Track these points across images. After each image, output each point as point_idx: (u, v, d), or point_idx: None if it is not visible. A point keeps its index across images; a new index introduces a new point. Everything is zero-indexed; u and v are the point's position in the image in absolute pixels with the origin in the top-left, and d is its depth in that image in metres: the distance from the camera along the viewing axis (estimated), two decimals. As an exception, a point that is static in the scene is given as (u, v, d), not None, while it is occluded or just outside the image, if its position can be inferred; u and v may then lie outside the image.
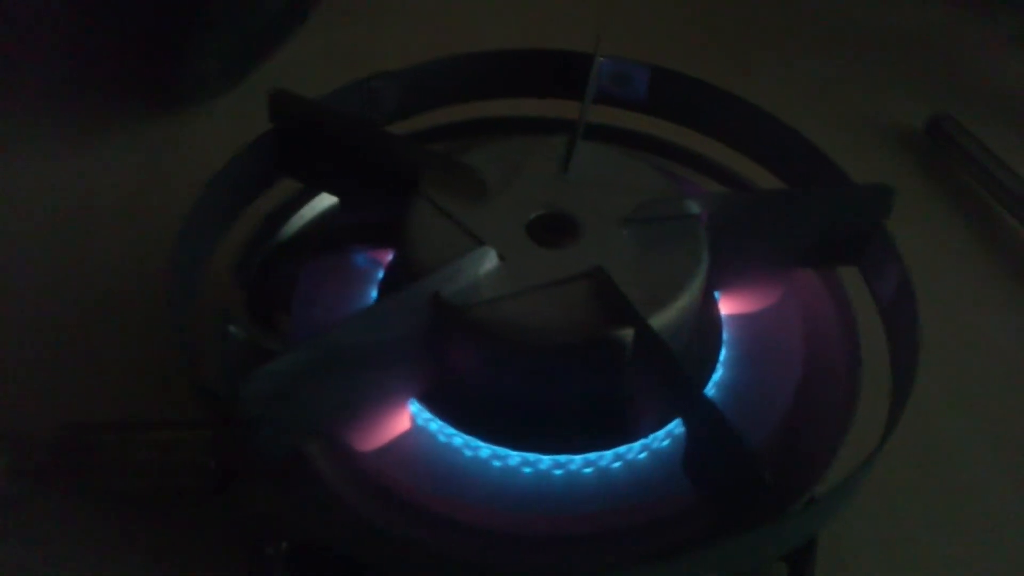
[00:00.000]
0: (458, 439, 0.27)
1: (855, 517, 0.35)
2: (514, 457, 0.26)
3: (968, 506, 0.36)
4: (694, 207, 0.28)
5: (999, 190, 0.46)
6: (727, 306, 0.30)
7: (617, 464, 0.26)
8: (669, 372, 0.24)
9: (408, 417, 0.27)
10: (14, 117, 0.48)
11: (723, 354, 0.29)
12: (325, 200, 0.33)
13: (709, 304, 0.30)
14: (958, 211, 0.47)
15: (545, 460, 0.26)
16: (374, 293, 0.30)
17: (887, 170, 0.48)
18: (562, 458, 0.26)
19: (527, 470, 0.26)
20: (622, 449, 0.26)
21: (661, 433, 0.27)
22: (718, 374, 0.28)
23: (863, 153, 0.48)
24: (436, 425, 0.27)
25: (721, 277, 0.29)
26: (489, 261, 0.26)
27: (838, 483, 0.23)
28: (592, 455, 0.26)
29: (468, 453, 0.27)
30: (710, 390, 0.28)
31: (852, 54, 0.55)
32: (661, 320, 0.26)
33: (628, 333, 0.25)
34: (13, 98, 0.49)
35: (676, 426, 0.27)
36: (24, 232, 0.43)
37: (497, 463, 0.26)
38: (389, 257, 0.31)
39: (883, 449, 0.23)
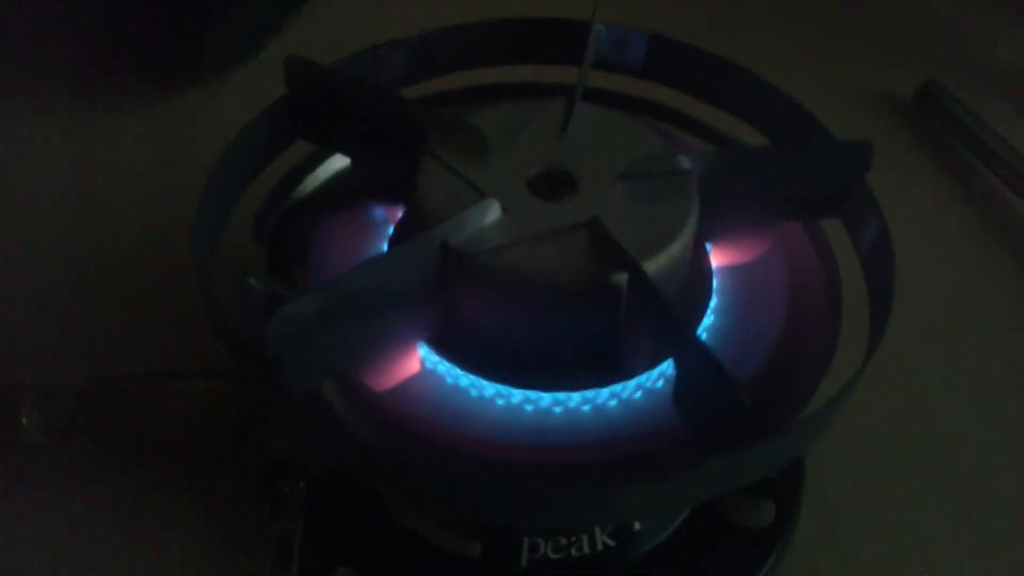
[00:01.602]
0: (464, 379, 0.29)
1: (839, 459, 0.37)
2: (516, 395, 0.28)
3: (944, 445, 0.38)
4: (685, 163, 0.30)
5: (985, 154, 0.48)
6: (717, 257, 0.32)
7: (613, 402, 0.28)
8: (660, 313, 0.26)
9: (418, 359, 0.29)
10: (38, 92, 0.50)
11: (713, 302, 0.31)
12: (338, 161, 0.35)
13: (700, 255, 0.31)
14: (944, 174, 0.49)
15: (545, 398, 0.28)
16: (385, 247, 0.32)
17: (876, 134, 0.48)
18: (561, 396, 0.28)
19: (528, 407, 0.28)
20: (617, 387, 0.28)
21: (655, 373, 0.29)
22: (708, 320, 0.30)
23: (853, 118, 0.50)
24: (444, 367, 0.29)
25: (711, 229, 0.31)
26: (493, 213, 0.28)
27: (815, 409, 0.25)
28: (589, 393, 0.28)
29: (474, 392, 0.28)
30: (700, 334, 0.30)
31: (842, 21, 0.56)
32: (653, 266, 0.27)
33: (623, 278, 0.27)
34: (36, 74, 0.51)
35: (668, 367, 0.28)
36: (51, 196, 0.45)
37: (500, 401, 0.28)
38: (399, 214, 0.33)
39: (858, 381, 0.25)
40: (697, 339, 0.26)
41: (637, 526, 0.32)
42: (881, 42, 0.55)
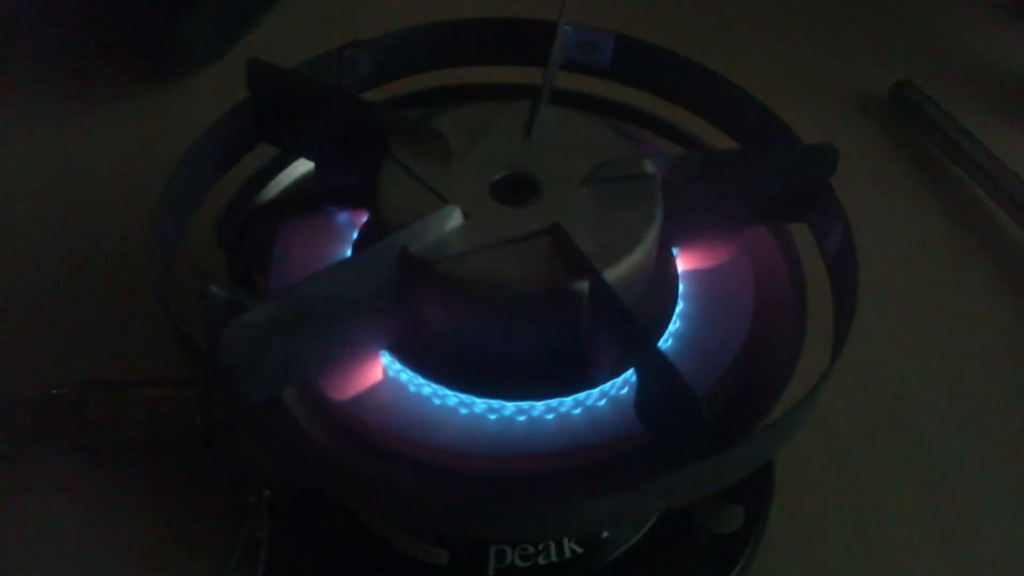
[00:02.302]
0: (427, 388, 0.28)
1: (808, 462, 0.37)
2: (479, 404, 0.28)
3: (915, 445, 0.38)
4: (650, 167, 0.30)
5: (957, 154, 0.48)
6: (684, 262, 0.32)
7: (577, 410, 0.28)
8: (621, 321, 0.26)
9: (380, 368, 0.29)
10: (12, 87, 0.49)
11: (679, 306, 0.31)
12: (302, 165, 0.35)
13: (666, 260, 0.31)
14: (918, 173, 0.49)
15: (508, 407, 0.28)
16: (348, 252, 0.32)
17: (850, 134, 0.49)
18: (524, 404, 0.28)
19: (491, 416, 0.28)
20: (581, 396, 0.28)
21: (619, 381, 0.28)
22: (674, 325, 0.30)
23: (827, 118, 0.50)
24: (406, 375, 0.29)
25: (677, 234, 0.31)
26: (454, 219, 0.28)
27: (780, 416, 0.25)
28: (553, 401, 0.28)
29: (436, 401, 0.28)
30: (666, 340, 0.30)
31: (817, 20, 0.56)
32: (615, 273, 0.27)
33: (584, 286, 0.27)
34: (12, 69, 0.50)
35: (632, 375, 0.28)
36: (12, 197, 0.44)
37: (463, 410, 0.28)
38: (363, 218, 0.32)
39: (823, 385, 0.25)
40: (657, 349, 0.26)
41: (605, 533, 0.32)
42: (855, 41, 0.55)
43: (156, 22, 0.48)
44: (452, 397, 0.28)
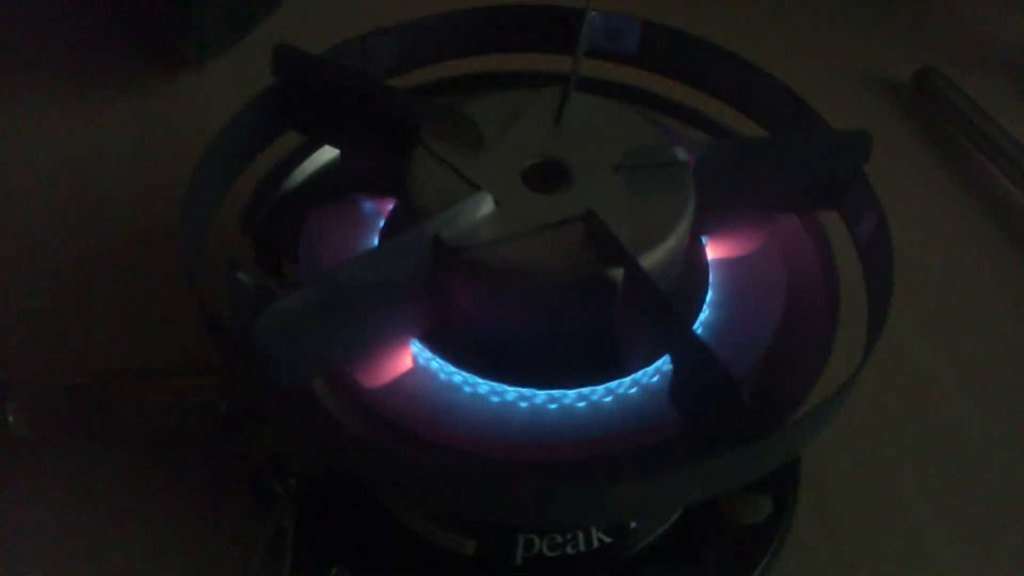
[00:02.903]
0: (458, 376, 0.28)
1: (836, 452, 0.36)
2: (511, 392, 0.28)
3: (942, 437, 0.38)
4: (681, 154, 0.29)
5: (982, 141, 0.48)
6: (714, 250, 0.31)
7: (608, 399, 0.28)
8: (657, 308, 0.26)
9: (411, 356, 0.28)
10: (24, 76, 0.49)
11: (710, 295, 0.30)
12: (328, 152, 0.34)
13: (697, 249, 0.31)
14: (942, 160, 0.48)
15: (540, 395, 0.28)
16: (376, 240, 0.31)
17: (874, 121, 0.48)
18: (556, 392, 0.28)
19: (523, 404, 0.28)
20: (613, 384, 0.28)
21: (650, 369, 0.28)
22: (705, 314, 0.30)
23: (851, 104, 0.50)
24: (437, 363, 0.28)
25: (708, 222, 0.31)
26: (486, 206, 0.28)
27: (813, 407, 0.24)
28: (585, 390, 0.28)
29: (467, 389, 0.28)
30: (697, 328, 0.29)
31: (841, 6, 0.56)
32: (649, 260, 0.27)
33: (618, 272, 0.26)
34: (24, 57, 0.50)
35: (664, 363, 0.28)
36: (37, 188, 0.44)
37: (495, 398, 0.28)
38: (389, 207, 0.32)
39: (858, 377, 0.25)
40: (694, 335, 0.26)
41: (633, 524, 0.32)
42: (879, 27, 0.55)
43: (166, 9, 0.47)
44: (483, 385, 0.28)
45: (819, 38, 0.54)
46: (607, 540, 0.32)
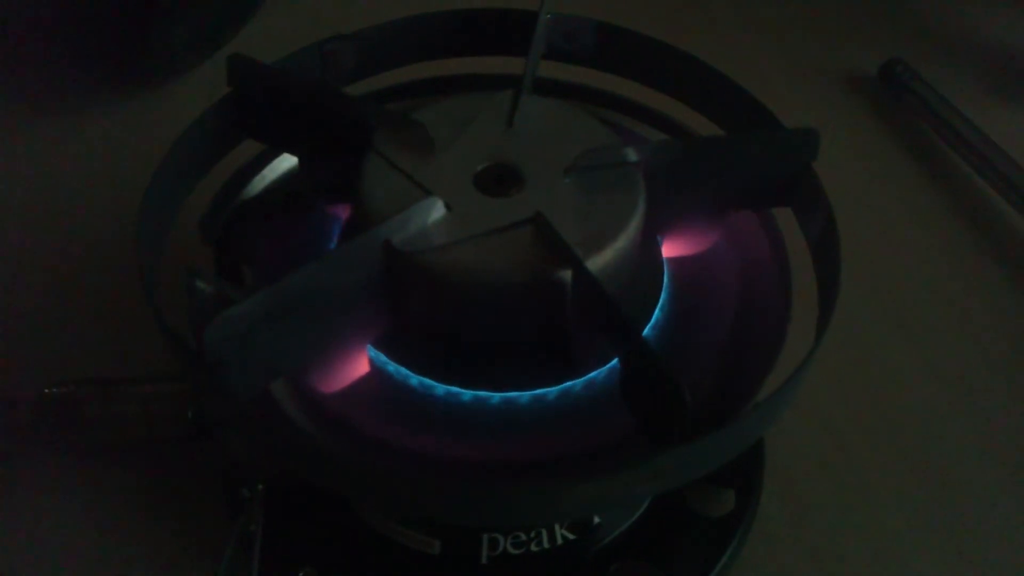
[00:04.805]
0: (413, 380, 0.28)
1: (801, 446, 0.37)
2: (466, 395, 0.28)
3: (904, 426, 0.38)
4: (632, 155, 0.30)
5: (948, 133, 0.48)
6: (669, 249, 0.32)
7: (562, 400, 0.28)
8: (604, 309, 0.26)
9: (367, 360, 0.29)
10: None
11: (665, 293, 0.31)
12: (287, 160, 0.35)
13: (652, 248, 0.31)
14: (908, 153, 0.48)
15: (495, 397, 0.28)
16: (333, 246, 0.32)
17: (839, 114, 0.49)
18: (511, 395, 0.28)
19: (479, 406, 0.28)
20: (566, 385, 0.28)
21: (604, 370, 0.28)
22: (660, 311, 0.30)
23: (817, 97, 0.50)
24: (393, 368, 0.29)
25: (662, 221, 0.31)
26: (437, 211, 0.28)
27: (764, 399, 0.25)
28: (539, 391, 0.28)
29: (424, 392, 0.28)
30: (653, 326, 0.30)
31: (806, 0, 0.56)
32: (598, 262, 0.27)
33: (568, 274, 0.27)
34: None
35: (617, 362, 0.28)
36: (1, 203, 0.45)
37: (451, 401, 0.28)
38: (347, 213, 0.32)
39: (806, 368, 0.25)
40: (639, 336, 0.26)
41: (597, 519, 0.32)
42: (845, 20, 0.55)
43: (135, 28, 0.48)
44: (439, 388, 0.28)
45: (785, 31, 0.54)
46: (571, 537, 0.32)
